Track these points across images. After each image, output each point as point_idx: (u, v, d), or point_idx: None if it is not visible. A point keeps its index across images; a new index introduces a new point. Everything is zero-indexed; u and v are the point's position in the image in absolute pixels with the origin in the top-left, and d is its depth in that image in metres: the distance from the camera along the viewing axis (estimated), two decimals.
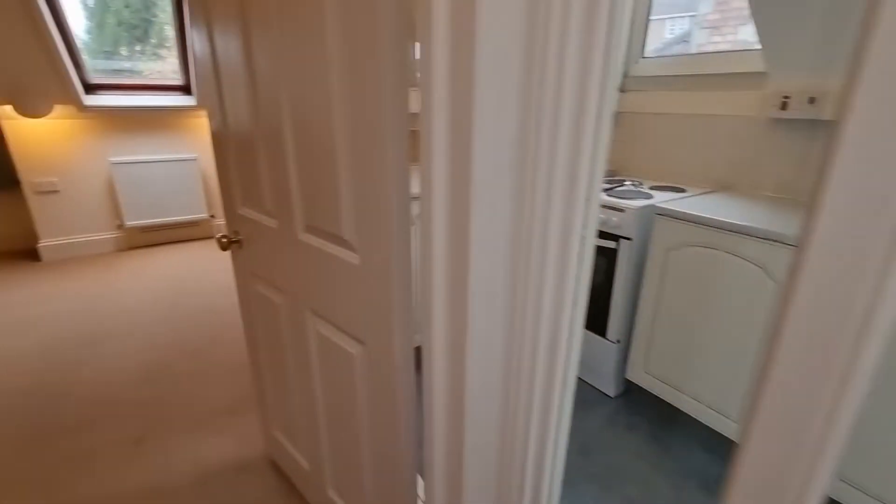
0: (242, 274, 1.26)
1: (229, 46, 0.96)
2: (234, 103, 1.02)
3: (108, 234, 3.71)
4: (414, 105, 0.62)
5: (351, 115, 0.70)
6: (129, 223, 3.67)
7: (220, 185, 1.21)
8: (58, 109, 3.26)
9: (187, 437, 1.68)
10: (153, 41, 4.01)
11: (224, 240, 1.17)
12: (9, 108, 3.09)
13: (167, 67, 3.95)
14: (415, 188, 0.65)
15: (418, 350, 0.73)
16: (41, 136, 3.31)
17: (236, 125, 1.05)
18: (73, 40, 3.08)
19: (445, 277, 0.63)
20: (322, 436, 1.14)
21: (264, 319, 1.23)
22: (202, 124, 3.90)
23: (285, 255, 1.01)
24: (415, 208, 0.68)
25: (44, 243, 3.47)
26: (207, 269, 3.37)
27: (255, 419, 1.76)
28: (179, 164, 3.78)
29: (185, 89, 3.77)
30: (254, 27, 0.86)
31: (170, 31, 3.82)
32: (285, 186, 0.92)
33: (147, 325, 2.51)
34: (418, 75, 0.57)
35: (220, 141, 1.14)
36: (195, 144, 3.90)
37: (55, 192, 3.45)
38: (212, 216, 4.07)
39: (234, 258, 1.27)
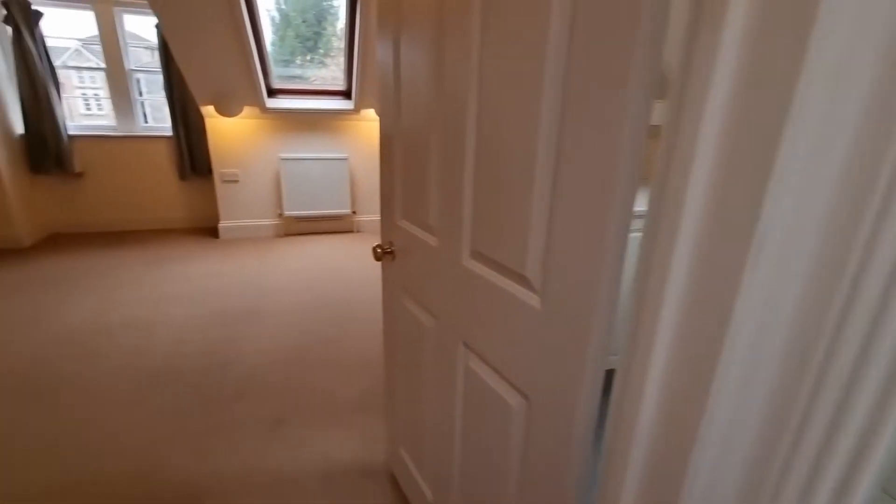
0: (391, 286, 1.23)
1: (415, 54, 0.91)
2: (411, 110, 0.97)
3: (270, 221, 4.21)
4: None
5: (564, 133, 0.57)
6: (288, 213, 4.11)
7: (380, 193, 1.19)
8: (245, 110, 3.78)
9: (318, 428, 1.74)
10: (321, 51, 4.46)
11: (378, 250, 1.14)
12: (211, 108, 3.66)
13: (329, 74, 4.35)
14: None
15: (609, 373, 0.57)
16: (231, 133, 3.87)
17: (409, 133, 1.00)
18: (266, 51, 3.52)
19: (673, 352, 0.47)
20: (454, 474, 1.05)
21: (408, 337, 1.18)
22: (356, 126, 4.20)
23: (443, 277, 0.93)
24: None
25: (222, 224, 4.07)
26: (345, 261, 3.60)
27: (380, 422, 1.76)
28: (333, 162, 4.12)
29: (346, 94, 4.09)
30: (448, 34, 0.78)
31: (335, 42, 4.20)
32: (455, 205, 0.83)
33: (293, 309, 2.74)
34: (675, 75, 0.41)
35: (388, 147, 1.11)
36: (347, 145, 4.23)
37: (236, 181, 4.01)
38: (353, 212, 4.37)
39: (385, 268, 1.25)
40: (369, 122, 4.15)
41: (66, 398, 1.88)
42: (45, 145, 3.68)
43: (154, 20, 3.60)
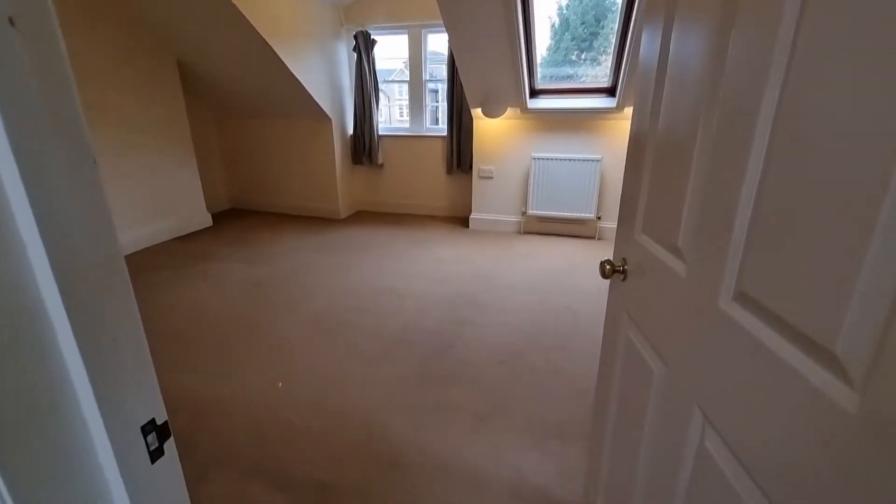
0: (616, 309, 1.03)
1: (688, 40, 0.69)
2: (673, 109, 0.76)
3: (514, 218, 4.37)
4: None
5: None
6: (531, 212, 4.18)
7: (621, 200, 1.00)
8: (507, 111, 3.99)
9: (516, 441, 1.67)
10: (595, 50, 4.29)
11: (608, 267, 0.96)
12: (478, 111, 4.02)
13: (600, 73, 4.14)
14: None
15: None
16: (493, 133, 4.17)
17: (667, 134, 0.79)
18: (535, 57, 3.62)
19: None
20: None
21: (628, 376, 0.97)
22: (616, 126, 3.90)
23: (685, 317, 0.70)
24: None
25: (473, 216, 4.46)
26: (580, 269, 3.41)
27: (580, 458, 1.56)
28: (584, 163, 3.94)
29: (610, 91, 3.84)
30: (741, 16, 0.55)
31: (613, 39, 3.94)
32: (720, 222, 0.59)
33: (518, 307, 2.76)
34: None
35: (637, 149, 0.91)
36: (602, 146, 3.97)
37: (490, 177, 4.31)
38: (598, 218, 4.10)
39: (613, 288, 1.05)
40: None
41: (341, 338, 2.40)
42: (363, 142, 4.80)
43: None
